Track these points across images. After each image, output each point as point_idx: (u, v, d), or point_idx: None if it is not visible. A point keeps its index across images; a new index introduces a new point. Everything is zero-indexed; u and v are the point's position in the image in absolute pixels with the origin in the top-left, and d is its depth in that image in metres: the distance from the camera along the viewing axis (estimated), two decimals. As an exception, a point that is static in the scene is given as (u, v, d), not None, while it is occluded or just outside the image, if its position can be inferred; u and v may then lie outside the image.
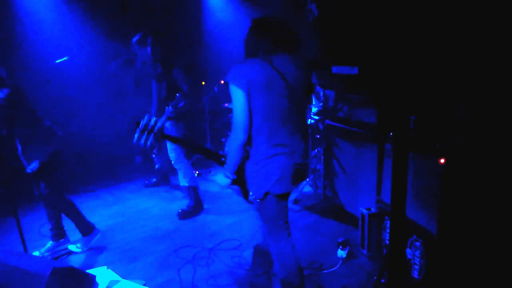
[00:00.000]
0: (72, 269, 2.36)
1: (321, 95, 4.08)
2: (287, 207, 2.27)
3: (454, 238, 2.32)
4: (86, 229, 3.48)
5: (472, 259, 2.29)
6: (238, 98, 2.04)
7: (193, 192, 4.19)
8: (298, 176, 2.21)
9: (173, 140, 2.74)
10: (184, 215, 4.09)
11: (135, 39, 4.10)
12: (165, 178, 5.15)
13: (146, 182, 5.13)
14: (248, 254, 3.23)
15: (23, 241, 2.96)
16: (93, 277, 2.49)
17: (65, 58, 4.83)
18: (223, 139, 5.32)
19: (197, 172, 5.52)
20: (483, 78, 1.35)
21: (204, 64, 6.40)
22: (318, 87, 3.79)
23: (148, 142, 2.28)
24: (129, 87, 5.36)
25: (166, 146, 4.28)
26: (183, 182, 4.18)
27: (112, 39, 5.33)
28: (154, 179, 5.14)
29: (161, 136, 2.38)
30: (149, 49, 3.97)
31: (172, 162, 4.13)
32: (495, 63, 1.20)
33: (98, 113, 5.53)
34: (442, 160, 2.30)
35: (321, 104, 4.09)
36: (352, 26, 1.15)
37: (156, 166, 5.08)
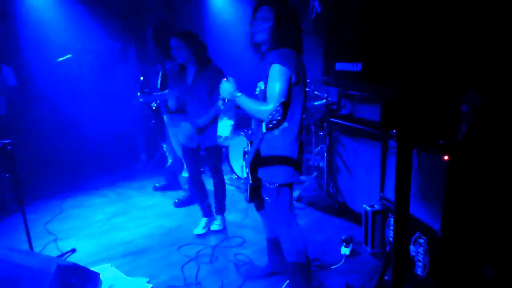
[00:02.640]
0: (76, 267, 2.37)
1: (325, 92, 4.06)
2: None
3: (458, 235, 2.32)
4: (221, 209, 3.71)
5: (475, 256, 2.28)
6: (285, 79, 2.09)
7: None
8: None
9: None
10: (179, 203, 4.32)
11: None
12: (175, 179, 4.88)
13: (156, 185, 4.87)
14: (251, 251, 3.24)
15: (28, 239, 2.97)
16: (97, 274, 2.50)
17: (68, 56, 4.84)
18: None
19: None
20: (488, 74, 1.34)
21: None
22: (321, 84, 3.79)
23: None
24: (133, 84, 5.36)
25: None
26: (185, 172, 4.43)
27: (113, 37, 5.35)
28: (164, 182, 4.88)
29: None
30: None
31: (179, 152, 4.27)
32: (500, 60, 1.19)
33: (102, 111, 5.54)
34: (446, 157, 2.29)
35: (324, 101, 4.08)
36: (356, 22, 1.14)
37: (169, 162, 4.81)
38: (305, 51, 2.31)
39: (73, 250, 3.37)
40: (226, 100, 2.34)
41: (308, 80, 4.54)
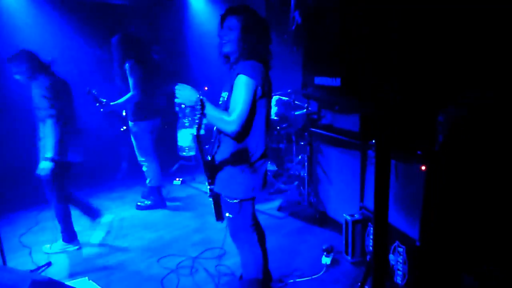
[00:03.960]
0: (51, 282, 2.29)
1: (305, 102, 4.10)
2: None
3: (436, 244, 2.36)
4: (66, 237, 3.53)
5: (454, 264, 2.33)
6: (250, 91, 2.04)
7: (156, 192, 4.46)
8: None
9: None
10: (141, 207, 4.47)
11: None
12: (160, 196, 4.55)
13: (138, 203, 4.55)
14: (232, 262, 3.21)
15: (2, 252, 2.87)
16: (74, 289, 2.43)
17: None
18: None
19: (180, 179, 5.47)
20: (464, 85, 1.38)
21: (188, 70, 6.38)
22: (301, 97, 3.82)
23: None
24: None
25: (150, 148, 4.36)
26: (147, 181, 4.43)
27: (93, 45, 5.29)
28: (149, 201, 4.53)
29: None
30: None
31: (138, 157, 4.35)
32: (476, 71, 1.23)
33: (82, 120, 5.43)
34: (423, 167, 2.34)
35: (305, 110, 4.12)
36: (335, 37, 1.16)
37: (148, 180, 4.47)
38: (286, 61, 2.30)
39: (48, 264, 3.27)
40: (183, 106, 2.24)
41: (289, 90, 4.62)
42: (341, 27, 1.17)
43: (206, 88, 5.90)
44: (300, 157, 4.65)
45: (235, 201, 2.22)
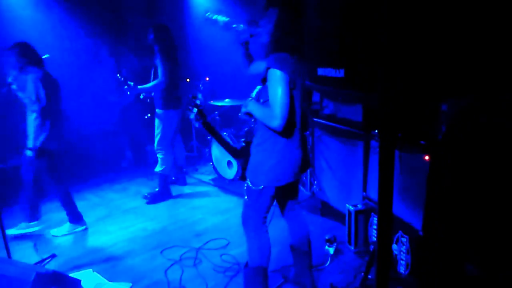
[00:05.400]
0: (56, 274, 2.31)
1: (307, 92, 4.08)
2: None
3: (439, 234, 2.35)
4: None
5: (456, 254, 2.32)
6: (285, 84, 2.06)
7: (163, 180, 4.47)
8: (301, 169, 2.38)
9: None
10: (150, 199, 4.45)
11: None
12: (166, 184, 4.57)
13: (146, 194, 4.57)
14: (236, 253, 3.23)
15: (6, 245, 2.88)
16: (78, 281, 2.45)
17: (46, 56, 4.71)
18: (209, 137, 5.28)
19: (184, 169, 5.48)
20: (468, 76, 1.36)
21: (188, 61, 6.34)
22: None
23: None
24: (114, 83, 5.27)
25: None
26: (158, 167, 4.43)
27: (92, 36, 5.25)
28: (157, 189, 4.55)
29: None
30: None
31: (155, 145, 4.37)
32: (479, 62, 1.21)
33: (83, 111, 5.42)
34: (427, 157, 2.33)
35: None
36: (337, 26, 1.14)
37: (162, 168, 4.45)
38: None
39: (53, 256, 3.29)
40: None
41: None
42: (342, 15, 1.15)
43: (207, 79, 5.87)
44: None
45: (259, 187, 2.26)
